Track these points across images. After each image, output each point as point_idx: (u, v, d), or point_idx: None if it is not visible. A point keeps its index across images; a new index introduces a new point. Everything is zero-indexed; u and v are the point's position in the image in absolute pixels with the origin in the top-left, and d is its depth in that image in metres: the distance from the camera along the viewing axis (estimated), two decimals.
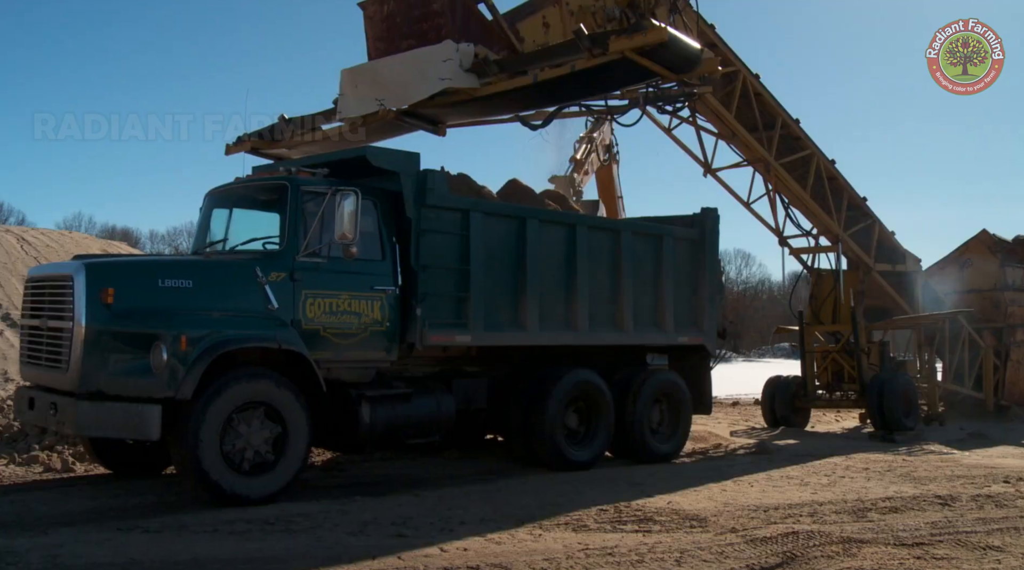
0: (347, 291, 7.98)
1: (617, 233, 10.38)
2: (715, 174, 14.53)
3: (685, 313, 11.09)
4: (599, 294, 10.01)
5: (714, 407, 20.99)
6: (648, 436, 10.50)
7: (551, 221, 9.74)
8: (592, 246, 9.93)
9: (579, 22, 9.43)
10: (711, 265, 11.43)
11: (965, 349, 17.61)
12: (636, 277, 10.40)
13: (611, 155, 22.43)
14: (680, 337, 11.00)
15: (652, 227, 11.10)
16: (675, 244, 10.96)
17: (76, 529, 6.23)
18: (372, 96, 9.83)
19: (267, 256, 7.88)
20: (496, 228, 9.04)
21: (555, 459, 9.42)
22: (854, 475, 9.73)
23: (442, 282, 8.59)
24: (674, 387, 10.97)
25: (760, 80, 13.63)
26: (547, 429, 9.33)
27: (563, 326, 9.65)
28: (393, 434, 8.45)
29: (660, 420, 10.84)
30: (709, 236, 11.41)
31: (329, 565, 5.47)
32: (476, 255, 8.76)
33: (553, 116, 10.78)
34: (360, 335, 8.06)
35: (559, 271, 9.62)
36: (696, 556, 5.82)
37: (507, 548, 5.99)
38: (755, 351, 74.54)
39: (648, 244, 10.72)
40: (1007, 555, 6.04)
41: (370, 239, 8.22)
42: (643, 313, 10.54)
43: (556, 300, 9.58)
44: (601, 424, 9.93)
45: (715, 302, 11.50)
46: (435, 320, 8.45)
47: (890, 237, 16.27)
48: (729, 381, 32.80)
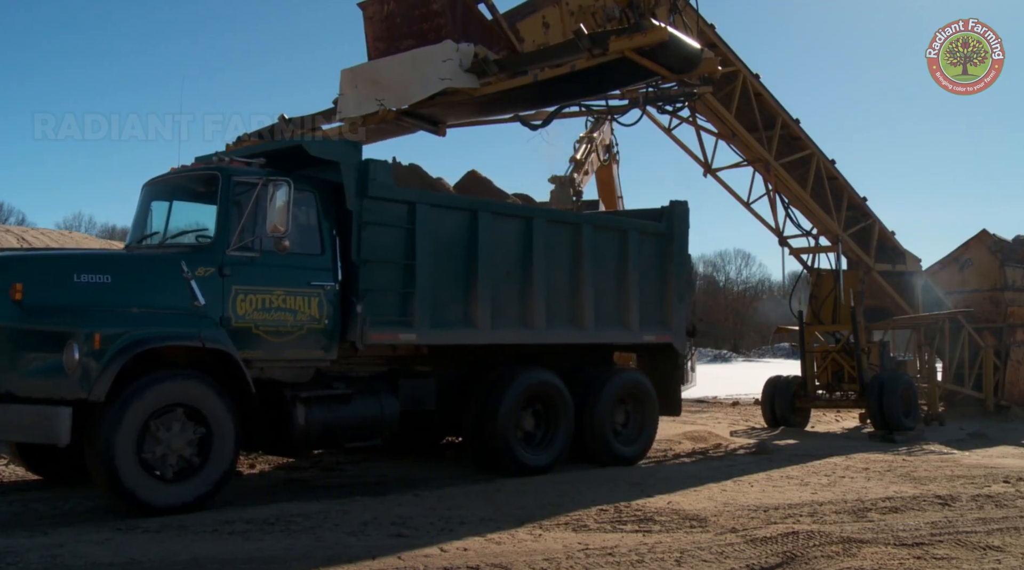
0: (282, 287, 7.61)
1: (578, 227, 9.93)
2: (715, 174, 14.55)
3: (652, 310, 10.68)
4: (558, 291, 9.63)
5: (714, 407, 21.36)
6: (611, 438, 10.13)
7: (505, 214, 9.33)
8: (550, 240, 9.51)
9: (579, 22, 9.43)
10: (680, 260, 11.01)
11: (965, 349, 17.64)
12: (598, 273, 9.98)
13: (611, 155, 22.46)
14: (646, 335, 10.60)
15: (615, 221, 10.79)
16: (641, 238, 10.55)
17: (76, 529, 6.23)
18: (372, 96, 9.83)
19: (195, 250, 7.48)
20: (445, 221, 8.65)
21: (509, 463, 9.04)
22: (854, 475, 9.72)
23: (386, 278, 8.22)
24: (639, 387, 10.60)
25: (760, 80, 13.65)
26: (500, 432, 8.96)
27: (518, 324, 9.26)
28: (330, 436, 8.13)
29: (625, 422, 10.49)
30: (678, 230, 10.96)
31: (329, 565, 5.47)
32: (423, 249, 8.37)
33: (553, 116, 10.77)
34: (296, 333, 7.68)
35: (514, 267, 9.24)
36: (696, 556, 5.82)
37: (507, 548, 5.99)
38: (755, 351, 74.57)
39: (611, 238, 10.30)
40: (1007, 555, 6.04)
41: (309, 232, 7.89)
42: (606, 311, 10.13)
43: (511, 297, 9.20)
44: (560, 426, 9.55)
45: (684, 299, 11.10)
46: (377, 317, 8.07)
47: (890, 237, 16.28)
48: (729, 381, 32.87)
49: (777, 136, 14.00)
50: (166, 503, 6.70)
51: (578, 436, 9.81)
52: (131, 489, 6.55)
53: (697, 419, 17.18)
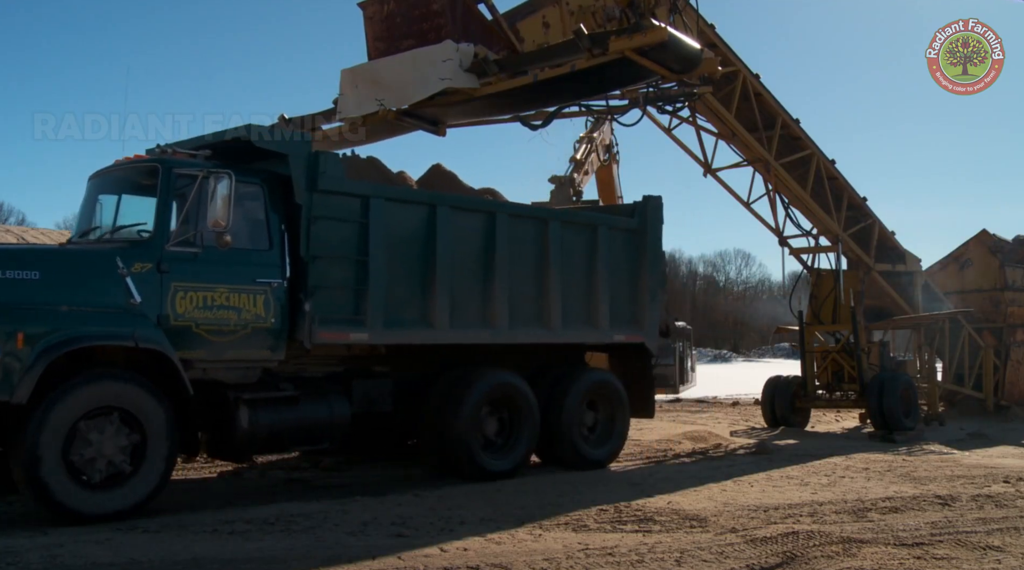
0: (225, 284, 7.25)
1: (544, 222, 9.58)
2: (715, 174, 14.55)
3: (623, 309, 10.33)
4: (522, 289, 9.27)
5: (714, 407, 21.35)
6: (579, 441, 9.78)
7: (465, 208, 9.00)
8: (514, 236, 9.18)
9: (579, 22, 9.44)
10: (653, 257, 10.63)
11: (965, 349, 17.64)
12: (566, 270, 9.66)
13: (611, 155, 22.47)
14: (616, 335, 10.24)
15: (584, 216, 10.44)
16: (611, 235, 10.20)
17: (76, 529, 6.22)
18: (372, 96, 9.83)
19: (132, 245, 7.15)
20: (402, 216, 8.32)
21: (469, 468, 8.68)
22: (854, 475, 9.72)
23: (336, 274, 7.89)
24: (609, 388, 10.24)
25: (760, 80, 13.65)
26: (460, 436, 8.59)
27: (480, 324, 8.94)
28: (277, 440, 7.79)
29: (594, 424, 10.14)
30: (651, 226, 10.61)
31: (329, 565, 5.47)
32: (377, 245, 8.03)
33: (553, 116, 10.77)
34: (240, 332, 7.32)
35: (475, 263, 8.90)
36: (696, 556, 5.82)
37: (507, 548, 5.99)
38: (755, 351, 74.60)
39: (580, 234, 9.95)
40: (1007, 555, 6.04)
41: (256, 227, 7.59)
42: (574, 309, 9.79)
43: (471, 295, 8.87)
44: (524, 429, 9.17)
45: (657, 297, 10.74)
46: (327, 316, 7.73)
47: (890, 237, 16.28)
48: (729, 381, 32.88)
49: (777, 136, 14.00)
50: (97, 511, 6.43)
51: (545, 439, 9.50)
52: (57, 496, 6.27)
53: (697, 419, 17.19)
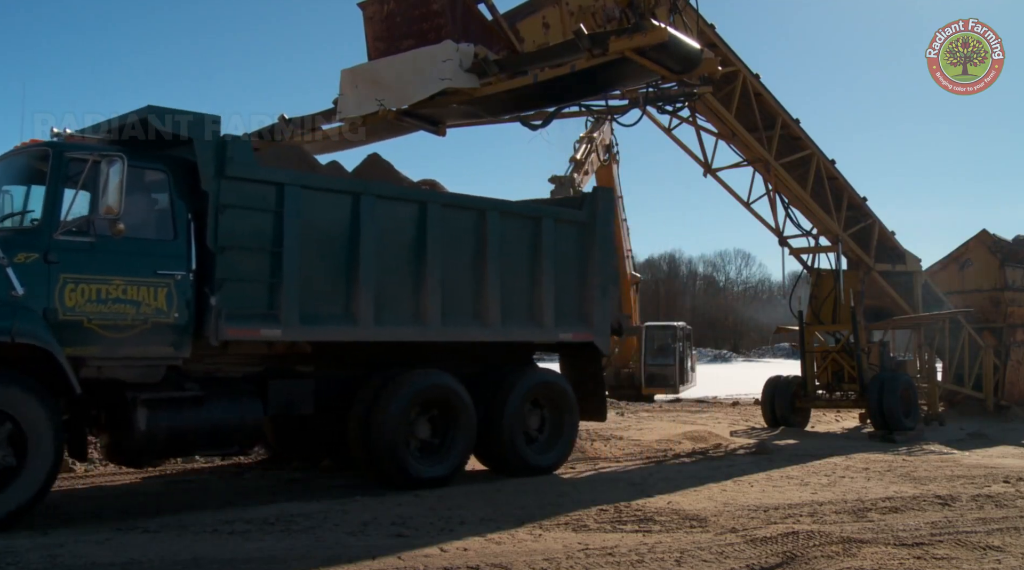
0: (121, 275, 6.75)
1: (482, 213, 9.03)
2: (715, 174, 14.55)
3: (570, 306, 9.80)
4: (457, 284, 8.79)
5: (714, 407, 21.36)
6: (522, 446, 9.26)
7: (393, 197, 8.48)
8: (448, 228, 8.70)
9: (579, 22, 9.43)
10: (603, 251, 10.09)
11: (965, 349, 17.65)
12: (506, 264, 9.13)
13: (611, 155, 22.50)
14: (563, 333, 9.70)
15: (527, 207, 9.88)
16: (557, 227, 9.66)
17: (76, 529, 6.23)
18: (372, 96, 9.82)
19: (17, 234, 6.76)
20: (322, 205, 7.87)
21: (398, 475, 8.20)
22: (854, 475, 9.73)
23: (247, 266, 7.42)
24: (555, 390, 9.72)
25: (760, 80, 13.65)
26: (387, 440, 8.10)
27: (409, 320, 8.43)
28: (178, 443, 7.29)
29: (540, 428, 9.66)
30: (601, 219, 10.09)
31: (329, 565, 5.47)
32: (292, 235, 7.58)
33: (553, 116, 10.76)
34: (139, 328, 6.82)
35: (405, 256, 8.43)
36: (696, 556, 5.82)
37: (507, 548, 5.99)
38: (755, 351, 74.63)
39: (522, 227, 9.44)
40: (1007, 555, 6.04)
41: (160, 216, 7.17)
42: (515, 306, 9.28)
43: (400, 290, 8.39)
44: (459, 434, 8.68)
45: (608, 293, 10.16)
46: (236, 311, 7.24)
47: (890, 237, 16.28)
48: (729, 381, 32.88)
49: (777, 136, 14.00)
50: None
51: (486, 444, 9.08)
52: None
53: (697, 419, 17.19)
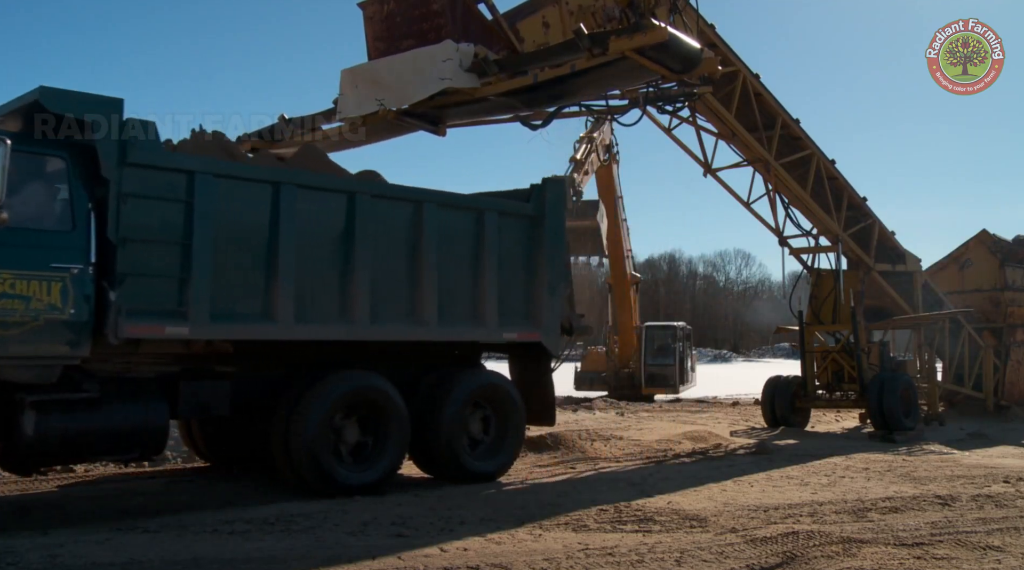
0: (9, 268, 6.31)
1: (418, 205, 8.53)
2: (715, 174, 14.56)
3: (516, 304, 9.33)
4: (390, 280, 8.31)
5: (714, 407, 21.36)
6: (462, 451, 8.78)
7: (316, 187, 7.97)
8: (379, 220, 8.21)
9: (579, 22, 9.42)
10: (553, 247, 9.56)
11: (965, 349, 17.65)
12: (445, 260, 8.65)
13: (611, 155, 22.52)
14: (507, 333, 9.21)
15: (467, 199, 9.28)
16: (502, 221, 9.16)
17: (76, 529, 6.23)
18: (372, 96, 9.82)
19: None
20: (237, 195, 7.37)
21: (321, 482, 7.73)
22: (854, 475, 9.73)
23: (152, 260, 6.92)
24: (499, 393, 9.25)
25: (760, 80, 13.65)
26: (309, 446, 7.63)
27: (335, 318, 7.94)
28: (72, 449, 6.82)
29: (483, 433, 9.19)
30: (551, 212, 9.55)
31: (329, 565, 5.47)
32: (203, 227, 7.08)
33: (553, 116, 10.76)
34: (30, 324, 6.37)
35: (331, 250, 7.96)
36: (696, 556, 5.82)
37: (507, 548, 5.99)
38: (755, 351, 74.66)
39: (463, 220, 8.94)
40: (1007, 555, 6.04)
41: (57, 205, 6.74)
42: (454, 304, 8.80)
43: (325, 286, 7.92)
44: (391, 438, 8.20)
45: (557, 291, 9.64)
46: (139, 307, 6.77)
47: (890, 237, 16.29)
48: (729, 381, 32.88)
49: (777, 136, 14.00)
50: None
51: (423, 449, 8.71)
52: None
53: (697, 419, 17.19)
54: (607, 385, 24.93)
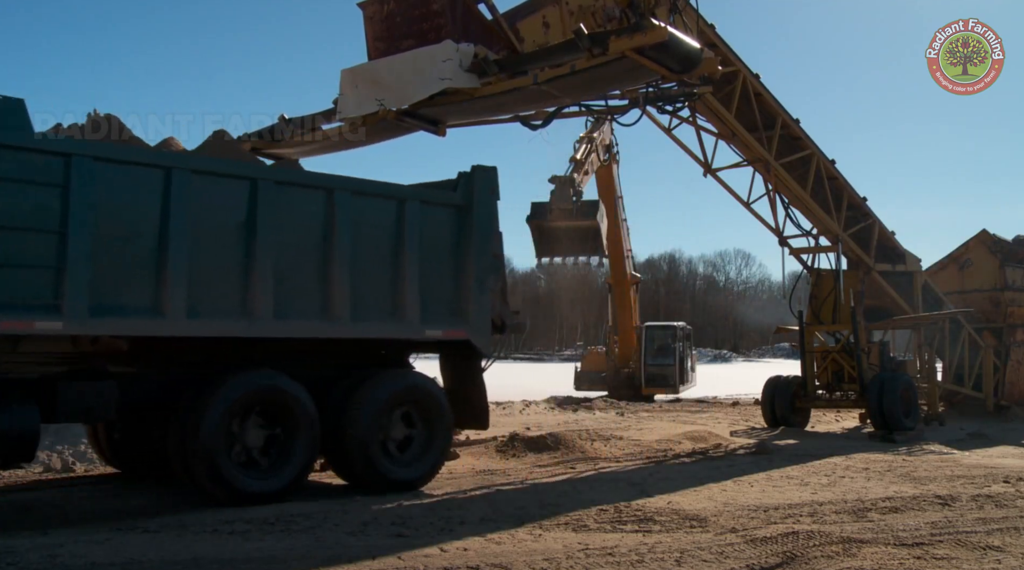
0: None
1: (329, 193, 8.02)
2: (715, 174, 14.56)
3: (442, 299, 8.81)
4: (296, 273, 7.82)
5: (714, 407, 21.38)
6: (379, 458, 8.19)
7: (212, 173, 7.45)
8: (284, 209, 7.70)
9: (579, 22, 9.42)
10: (482, 238, 9.01)
11: (965, 349, 17.66)
12: (360, 251, 8.15)
13: (611, 155, 22.53)
14: (430, 330, 8.68)
15: (385, 188, 8.72)
16: (425, 210, 8.66)
17: (76, 529, 6.24)
18: (372, 96, 9.82)
19: None
20: (122, 180, 6.87)
21: (220, 489, 7.23)
22: (854, 475, 9.73)
23: (21, 249, 6.44)
24: (423, 395, 8.67)
25: (760, 80, 13.65)
26: (204, 451, 7.12)
27: (233, 313, 7.41)
28: None
29: (407, 438, 8.60)
30: (480, 202, 9.05)
31: (329, 565, 5.47)
32: (80, 214, 6.58)
33: (553, 116, 10.76)
34: None
35: (229, 240, 7.45)
36: (696, 556, 5.82)
37: (507, 548, 5.99)
38: (755, 351, 74.67)
39: (381, 209, 8.43)
40: (1007, 555, 6.04)
41: None
42: (371, 298, 8.27)
43: (222, 279, 7.39)
44: (298, 443, 7.65)
45: (487, 285, 9.06)
46: (6, 300, 6.34)
47: (890, 237, 16.29)
48: (729, 381, 32.89)
49: (777, 136, 14.00)
50: None
51: (338, 455, 8.24)
52: None
53: (697, 419, 17.20)
54: (607, 385, 24.94)
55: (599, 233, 20.03)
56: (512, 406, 18.40)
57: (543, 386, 25.52)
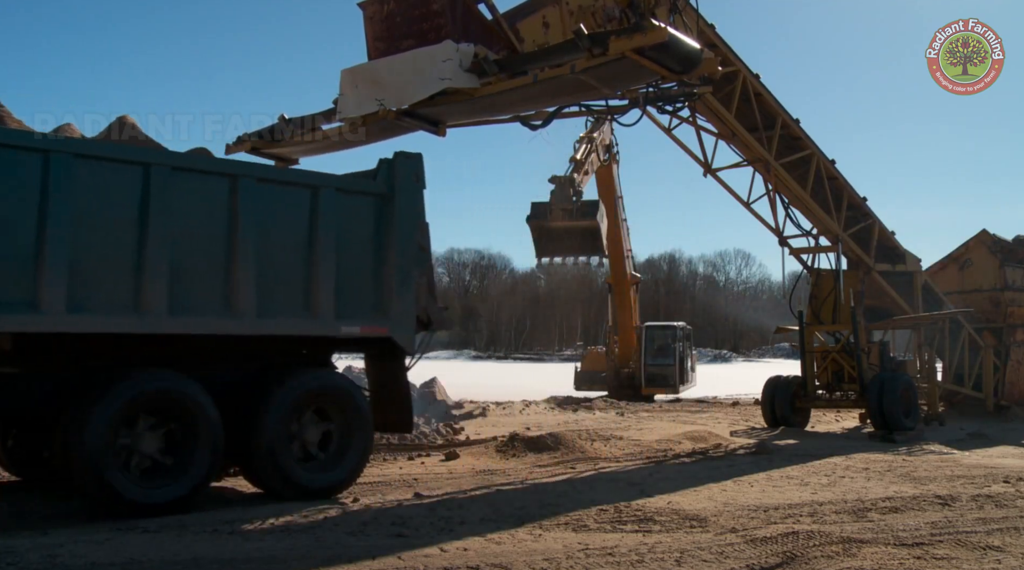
0: None
1: (233, 180, 7.50)
2: (715, 174, 14.56)
3: (360, 294, 8.31)
4: (195, 265, 7.28)
5: (714, 407, 21.39)
6: (289, 463, 7.67)
7: (97, 157, 6.94)
8: (182, 196, 7.18)
9: (579, 22, 9.42)
10: (405, 229, 8.52)
11: (965, 349, 17.67)
12: (267, 243, 7.65)
13: (611, 155, 22.54)
14: (347, 326, 8.13)
15: (296, 175, 8.29)
16: (340, 199, 8.17)
17: (76, 529, 6.24)
18: (372, 96, 9.81)
19: None
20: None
21: (107, 499, 6.72)
22: (854, 475, 9.73)
23: None
24: (340, 396, 8.15)
25: (760, 80, 13.65)
26: (90, 458, 6.57)
27: (122, 308, 6.88)
28: None
29: (322, 441, 8.09)
30: (402, 191, 8.56)
31: (329, 565, 5.47)
32: None
33: (553, 116, 10.75)
34: None
35: (117, 229, 6.94)
36: (696, 556, 5.82)
37: (507, 548, 5.99)
38: (755, 351, 74.69)
39: (292, 198, 7.94)
40: (1007, 555, 6.05)
41: None
42: (279, 293, 7.75)
43: (109, 271, 6.89)
44: (198, 449, 7.12)
45: (410, 279, 8.53)
46: None
47: (890, 237, 16.30)
48: (729, 381, 32.90)
49: (777, 136, 14.01)
50: None
51: (247, 461, 7.72)
52: None
53: (697, 419, 17.20)
54: (607, 385, 24.94)
55: (599, 233, 20.07)
56: (512, 406, 18.41)
57: (543, 386, 25.53)
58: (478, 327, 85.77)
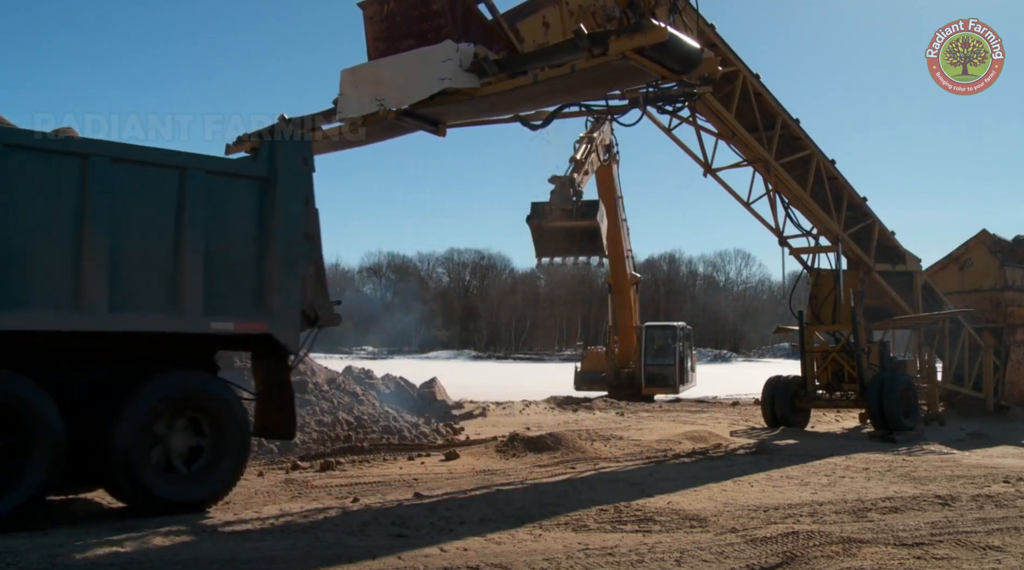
0: None
1: (83, 159, 6.70)
2: (715, 174, 14.56)
3: (235, 287, 7.49)
4: (34, 252, 6.50)
5: (714, 407, 21.39)
6: (148, 476, 6.88)
7: None
8: (17, 177, 6.42)
9: (579, 22, 9.42)
10: (290, 216, 7.71)
11: (965, 349, 17.67)
12: (122, 228, 6.85)
13: (611, 155, 22.53)
14: (218, 322, 7.29)
15: (157, 155, 7.27)
16: (211, 182, 7.34)
17: (76, 529, 6.24)
18: (372, 96, 9.81)
19: None
20: None
21: None
22: (854, 475, 9.73)
23: None
24: (209, 400, 7.37)
25: (760, 80, 13.65)
26: None
27: None
28: None
29: (191, 450, 7.28)
30: (286, 174, 7.75)
31: (329, 565, 5.47)
32: None
33: (553, 116, 10.75)
34: None
35: None
36: (696, 556, 5.82)
37: (507, 548, 5.99)
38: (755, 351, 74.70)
39: (153, 179, 7.09)
40: (1007, 555, 6.05)
41: None
42: (136, 284, 6.93)
43: None
44: (33, 459, 6.35)
45: (294, 270, 7.74)
46: None
47: (890, 237, 16.30)
48: (729, 381, 32.89)
49: (777, 136, 14.01)
50: None
51: (104, 473, 6.93)
52: None
53: (697, 419, 17.19)
54: (607, 385, 24.93)
55: (599, 233, 20.05)
56: (512, 406, 18.41)
57: (543, 386, 25.52)
58: (478, 327, 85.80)
